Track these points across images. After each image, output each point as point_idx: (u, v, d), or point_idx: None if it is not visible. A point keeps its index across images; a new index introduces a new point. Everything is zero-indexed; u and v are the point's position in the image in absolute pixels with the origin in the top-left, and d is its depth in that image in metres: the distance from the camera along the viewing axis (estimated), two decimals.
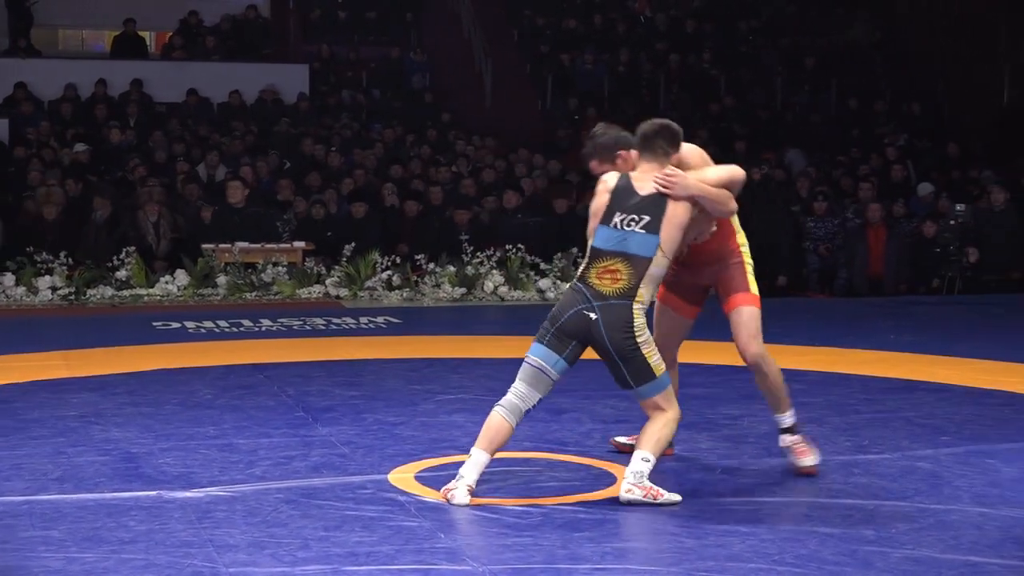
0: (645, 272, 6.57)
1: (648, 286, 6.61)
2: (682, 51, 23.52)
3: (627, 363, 6.58)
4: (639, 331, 6.56)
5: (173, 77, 21.54)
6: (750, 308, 7.03)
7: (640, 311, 6.59)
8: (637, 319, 6.56)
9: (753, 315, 7.03)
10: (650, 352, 6.59)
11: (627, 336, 6.54)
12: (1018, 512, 6.52)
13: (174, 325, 12.48)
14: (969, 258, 16.01)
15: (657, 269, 6.61)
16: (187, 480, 6.97)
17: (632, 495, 6.49)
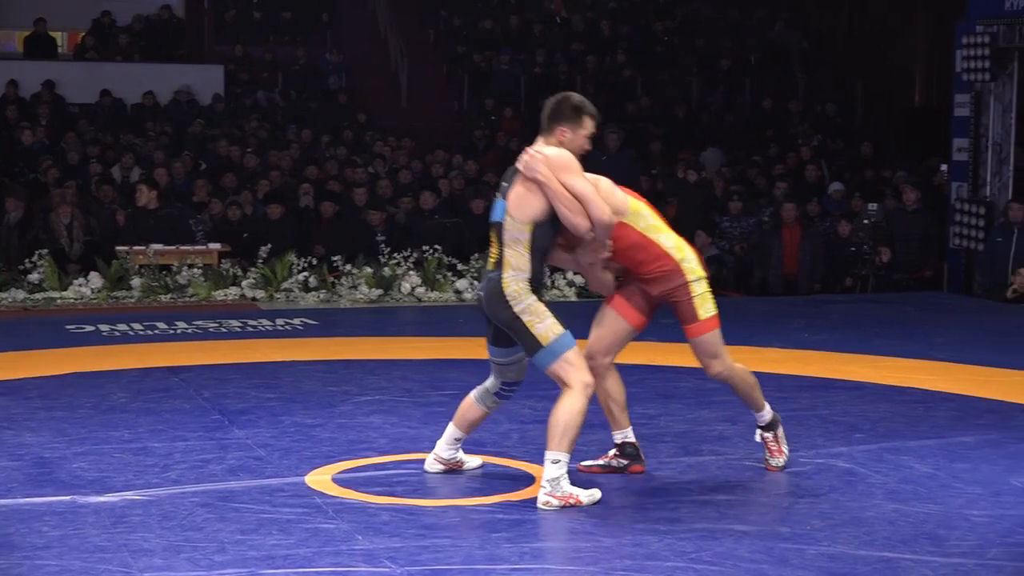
0: (505, 238, 6.53)
1: (513, 249, 6.49)
2: (598, 52, 23.59)
3: (514, 333, 6.56)
4: (513, 299, 6.49)
5: (86, 78, 21.33)
6: (701, 337, 6.91)
7: (512, 279, 6.50)
8: (508, 287, 6.49)
9: (705, 341, 6.91)
10: (532, 320, 6.48)
11: (504, 307, 6.51)
12: (931, 508, 6.60)
13: (88, 328, 12.35)
14: (881, 257, 16.17)
15: (514, 232, 6.49)
16: (101, 485, 6.90)
17: (549, 506, 6.45)
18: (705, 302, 6.89)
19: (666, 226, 6.93)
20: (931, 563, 5.77)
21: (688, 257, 6.88)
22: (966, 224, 16.31)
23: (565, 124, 6.64)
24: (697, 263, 6.92)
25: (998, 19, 15.97)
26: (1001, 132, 16.23)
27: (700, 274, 6.90)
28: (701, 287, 6.89)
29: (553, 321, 6.50)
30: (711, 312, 6.90)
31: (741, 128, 22.15)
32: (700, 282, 6.89)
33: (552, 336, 6.48)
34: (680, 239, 6.96)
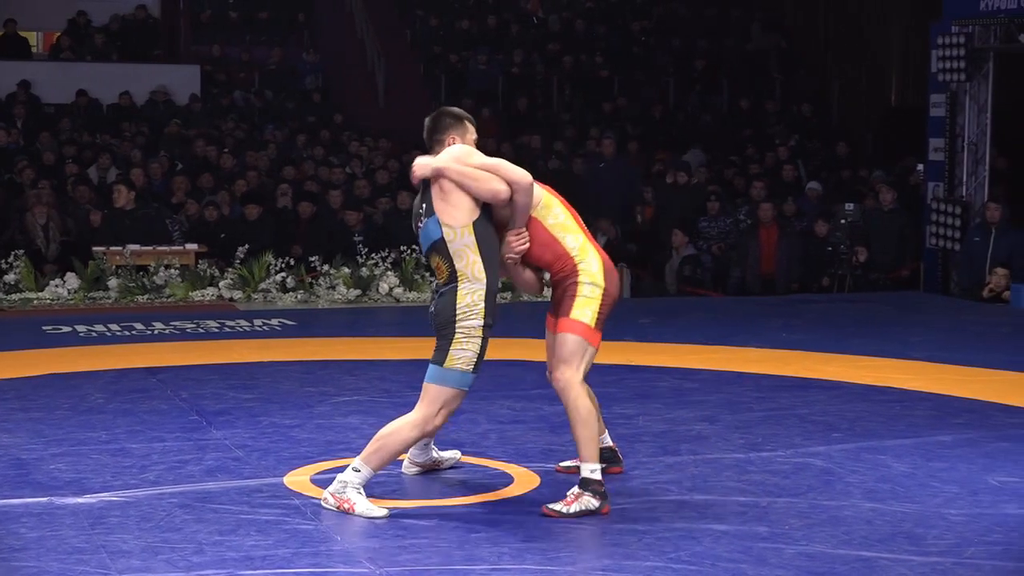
0: (452, 251, 6.34)
1: (462, 259, 6.32)
2: (575, 52, 23.61)
3: (438, 339, 6.36)
4: (461, 313, 6.31)
5: (61, 78, 21.27)
6: (564, 335, 6.52)
7: (467, 288, 6.33)
8: (462, 300, 6.31)
9: (566, 340, 6.51)
10: (460, 339, 6.29)
11: (450, 318, 6.31)
12: (908, 507, 6.62)
13: (64, 329, 12.31)
14: (859, 257, 16.21)
15: (458, 242, 6.32)
16: (79, 486, 6.88)
17: (326, 503, 6.48)
18: (585, 306, 6.51)
19: (577, 226, 6.64)
20: (909, 562, 5.79)
21: (588, 260, 6.57)
22: (942, 224, 16.36)
23: (453, 132, 6.57)
24: (599, 271, 6.56)
25: (973, 19, 16.03)
26: (977, 132, 16.28)
27: (596, 282, 6.55)
28: (591, 292, 6.53)
29: (473, 357, 6.32)
30: (586, 319, 6.50)
31: (718, 128, 22.18)
32: (592, 287, 6.53)
33: (459, 366, 6.31)
34: (588, 244, 6.63)
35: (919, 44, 20.38)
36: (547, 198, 6.63)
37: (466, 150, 6.48)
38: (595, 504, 6.39)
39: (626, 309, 13.60)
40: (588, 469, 6.45)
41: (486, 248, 6.39)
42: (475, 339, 6.33)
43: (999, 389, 9.71)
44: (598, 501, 6.41)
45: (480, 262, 6.36)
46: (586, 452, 6.47)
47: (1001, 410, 9.04)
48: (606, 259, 6.69)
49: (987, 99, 16.16)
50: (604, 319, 6.60)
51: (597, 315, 6.55)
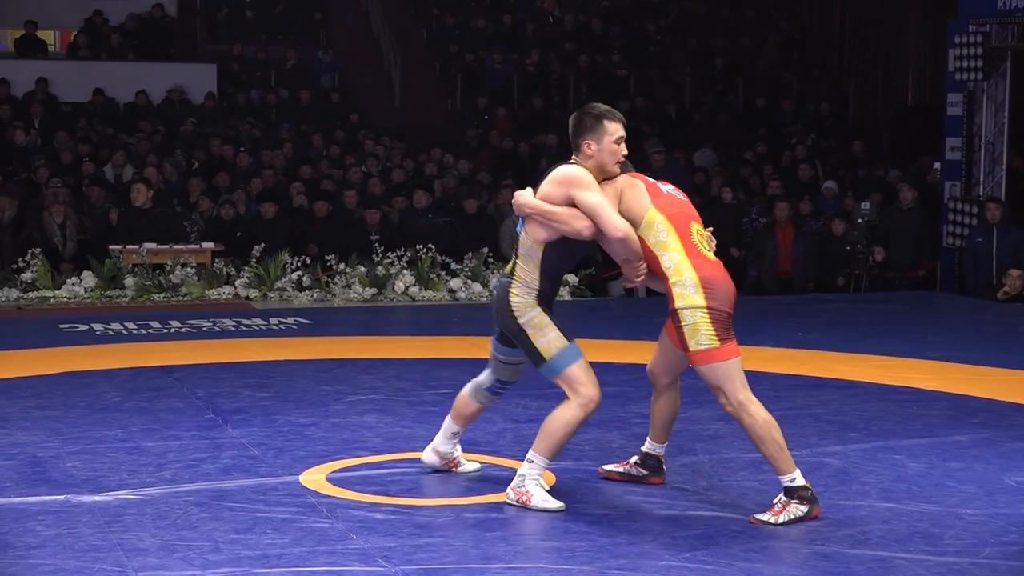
0: (519, 251, 6.54)
1: (523, 266, 6.49)
2: (591, 51, 23.60)
3: (519, 343, 6.57)
4: (517, 311, 6.48)
5: (78, 77, 21.30)
6: (698, 368, 6.43)
7: (520, 290, 6.49)
8: (515, 299, 6.49)
9: (703, 372, 6.42)
10: (535, 334, 6.46)
11: (509, 316, 6.51)
12: (924, 507, 6.61)
13: (81, 327, 12.33)
14: (876, 256, 16.18)
15: (524, 248, 6.49)
16: (95, 484, 6.90)
17: (507, 498, 6.56)
18: (695, 333, 6.35)
19: (679, 243, 6.43)
20: (925, 562, 5.78)
21: (684, 282, 6.38)
22: (959, 223, 16.34)
23: (588, 137, 6.51)
24: (695, 291, 6.36)
25: (991, 18, 16.00)
26: (994, 131, 16.25)
27: (693, 302, 6.35)
28: (692, 317, 6.35)
29: (556, 335, 6.46)
30: (703, 345, 6.35)
31: (734, 127, 22.15)
32: (691, 311, 6.35)
33: (554, 350, 6.45)
34: (685, 260, 6.40)
35: (936, 43, 20.35)
36: (651, 215, 6.46)
37: (578, 180, 6.40)
38: (803, 510, 6.32)
39: (642, 308, 13.60)
40: (787, 480, 6.37)
41: (550, 267, 6.51)
42: (541, 325, 6.48)
43: (1016, 389, 9.68)
44: (806, 507, 6.33)
45: (537, 274, 6.51)
46: (778, 465, 6.39)
47: (1018, 410, 9.02)
48: (708, 271, 6.42)
49: (1004, 98, 16.13)
50: (726, 329, 6.40)
51: (713, 333, 6.36)
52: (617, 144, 6.52)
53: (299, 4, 24.65)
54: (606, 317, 12.65)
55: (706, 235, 6.60)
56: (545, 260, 6.49)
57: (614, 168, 6.54)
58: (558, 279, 6.64)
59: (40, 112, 20.00)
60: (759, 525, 6.28)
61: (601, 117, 6.54)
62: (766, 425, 6.36)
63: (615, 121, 6.56)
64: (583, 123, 6.55)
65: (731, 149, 20.81)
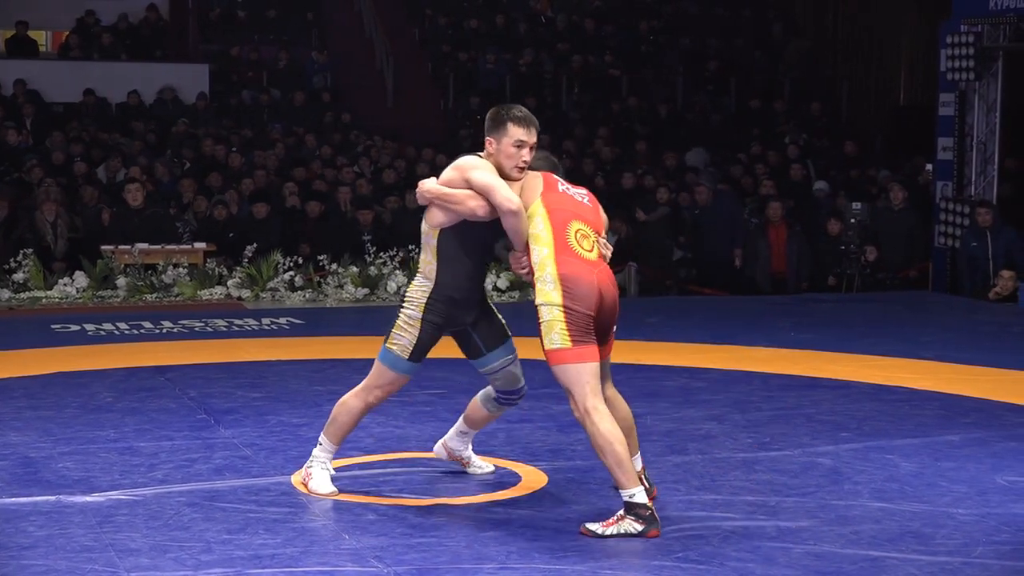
0: (422, 243, 6.60)
1: (424, 255, 6.55)
2: (584, 51, 23.61)
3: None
4: (407, 301, 6.57)
5: (70, 77, 21.28)
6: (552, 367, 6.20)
7: (419, 284, 6.54)
8: (411, 289, 6.58)
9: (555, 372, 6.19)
10: (401, 330, 6.54)
11: (401, 300, 6.66)
12: (916, 506, 6.61)
13: (73, 327, 12.32)
14: (868, 256, 16.20)
15: (425, 238, 6.53)
16: (87, 484, 6.89)
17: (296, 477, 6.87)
18: (550, 331, 6.14)
19: (550, 238, 6.22)
20: (917, 562, 5.78)
21: (545, 278, 6.19)
22: (951, 223, 16.35)
23: (491, 134, 6.46)
24: (553, 288, 6.14)
25: (983, 18, 16.01)
26: (986, 131, 16.26)
27: (550, 299, 6.13)
28: (548, 314, 6.14)
29: (409, 345, 6.54)
30: (555, 344, 6.12)
31: (727, 127, 22.16)
32: (548, 308, 6.14)
33: (394, 350, 6.59)
34: (551, 257, 6.19)
35: (928, 43, 20.37)
36: (534, 207, 6.31)
37: (468, 164, 6.48)
38: (637, 528, 6.06)
39: (634, 308, 13.59)
40: (626, 495, 6.09)
41: (446, 254, 6.48)
42: (412, 328, 6.53)
43: (1008, 389, 9.70)
44: (641, 525, 6.06)
45: (435, 264, 6.50)
46: (618, 479, 6.12)
47: (1010, 410, 9.03)
48: (570, 269, 6.18)
49: (996, 98, 16.14)
50: (584, 331, 6.14)
51: (568, 334, 6.12)
52: (517, 148, 6.38)
53: (292, 4, 24.63)
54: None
55: (591, 236, 6.32)
56: (441, 247, 6.46)
57: (512, 172, 6.38)
58: (464, 271, 6.46)
59: (32, 112, 19.97)
60: (588, 535, 6.07)
61: (505, 119, 6.43)
62: (608, 436, 6.07)
63: (520, 125, 6.39)
64: (491, 120, 6.51)
65: (724, 149, 20.81)
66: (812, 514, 6.46)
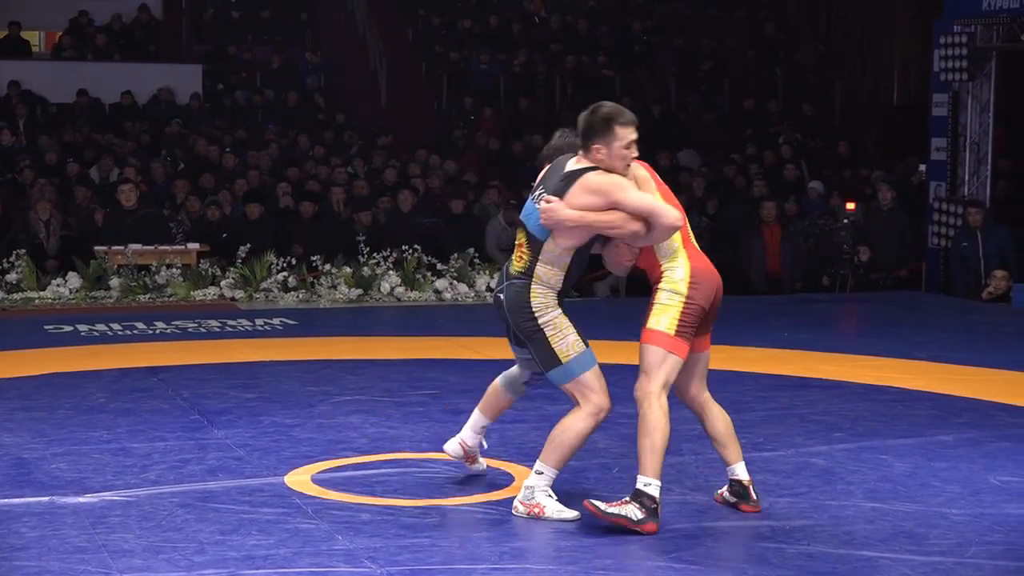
0: (540, 252, 6.32)
1: (545, 267, 6.30)
2: (577, 51, 23.61)
3: (532, 344, 6.35)
4: (539, 311, 6.29)
5: (63, 77, 21.25)
6: (643, 345, 6.34)
7: (540, 291, 6.29)
8: (535, 299, 6.29)
9: (645, 350, 6.33)
10: (555, 335, 6.28)
11: (527, 317, 6.30)
12: (910, 507, 6.61)
13: (66, 328, 12.31)
14: (861, 256, 16.21)
15: (551, 252, 6.29)
16: (80, 485, 6.88)
17: (516, 512, 6.40)
18: (661, 314, 6.32)
19: (677, 235, 6.39)
20: (910, 562, 5.78)
21: (674, 268, 6.37)
22: (944, 223, 16.37)
23: (598, 140, 6.29)
24: (683, 279, 6.34)
25: (976, 19, 16.04)
26: (979, 131, 16.29)
27: (676, 289, 6.32)
28: (668, 299, 6.32)
29: (576, 338, 6.32)
30: (661, 327, 6.29)
31: (720, 127, 22.16)
32: (671, 295, 6.32)
33: (573, 354, 6.31)
34: (681, 251, 6.39)
35: (921, 43, 20.38)
36: None
37: (616, 186, 6.24)
38: (638, 516, 6.10)
39: (626, 307, 13.59)
40: (642, 482, 6.17)
41: (575, 267, 6.38)
42: (562, 327, 6.32)
43: (1001, 389, 9.70)
44: (643, 514, 6.11)
45: (562, 276, 6.34)
46: (644, 463, 6.19)
47: (1003, 410, 9.04)
48: (698, 267, 6.40)
49: (989, 99, 16.17)
50: (690, 327, 6.32)
51: (677, 323, 6.29)
52: (627, 149, 6.32)
53: (285, 5, 24.61)
54: (592, 317, 12.65)
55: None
56: (574, 262, 6.35)
57: (623, 171, 6.35)
58: (575, 276, 6.47)
59: (25, 113, 19.95)
60: (590, 509, 6.15)
61: (612, 121, 6.29)
62: (658, 423, 6.20)
63: (628, 127, 6.32)
64: (594, 125, 6.32)
65: (717, 149, 20.81)
66: (805, 514, 6.46)
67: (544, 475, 6.37)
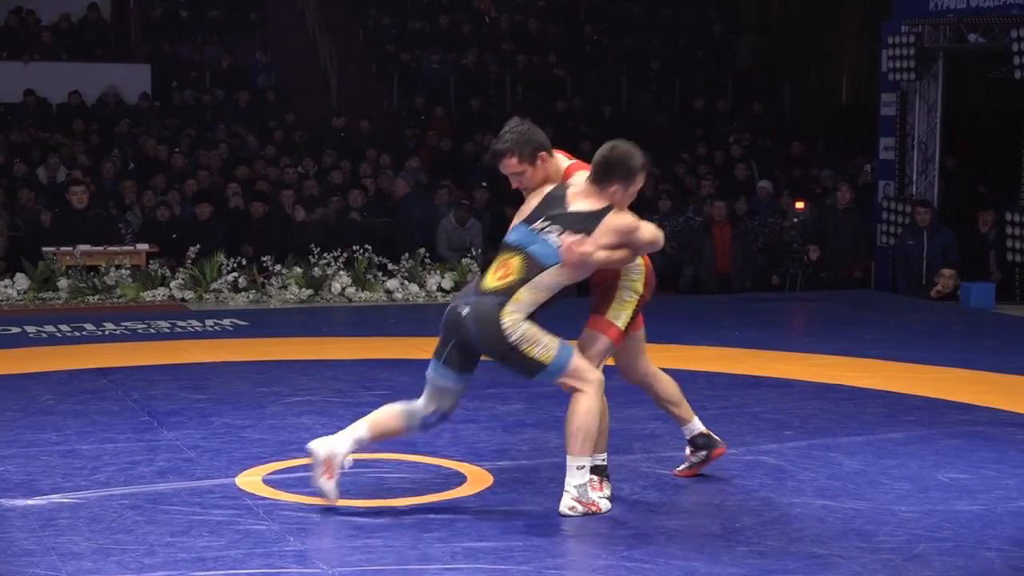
0: (534, 277, 6.31)
1: (532, 291, 6.29)
2: (528, 51, 23.63)
3: (509, 363, 6.33)
4: (510, 329, 6.23)
5: (10, 77, 21.09)
6: (597, 334, 6.59)
7: (513, 310, 6.25)
8: (506, 318, 6.24)
9: (596, 340, 6.59)
10: (530, 346, 6.24)
11: (500, 336, 6.24)
12: (859, 504, 6.65)
13: (14, 330, 12.22)
14: (811, 256, 16.29)
15: (548, 279, 6.32)
16: (29, 488, 6.83)
17: (574, 512, 6.34)
18: (621, 311, 6.63)
19: None
20: (860, 559, 5.81)
21: (633, 266, 6.61)
22: (893, 222, 16.47)
23: (619, 181, 6.40)
24: (639, 278, 6.64)
25: (923, 19, 16.15)
26: (926, 131, 16.40)
27: (635, 288, 6.64)
28: (628, 296, 6.63)
29: (549, 339, 6.31)
30: (618, 322, 6.62)
31: (671, 127, 22.23)
32: (630, 292, 6.63)
33: (552, 354, 6.29)
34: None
35: (869, 43, 20.49)
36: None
37: (634, 226, 6.39)
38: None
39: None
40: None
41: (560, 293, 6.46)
42: (533, 336, 6.28)
43: (950, 387, 9.76)
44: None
45: (544, 298, 6.38)
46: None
47: (952, 407, 9.09)
48: (649, 265, 6.75)
49: (937, 98, 16.28)
50: (639, 316, 6.76)
51: (630, 320, 6.66)
52: (632, 197, 6.54)
53: (235, 4, 24.52)
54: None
55: None
56: (556, 296, 6.43)
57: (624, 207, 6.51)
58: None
59: None
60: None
61: (636, 169, 6.43)
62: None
63: (643, 171, 6.50)
64: (618, 167, 6.40)
65: (668, 149, 20.86)
66: (756, 512, 6.49)
67: (586, 468, 6.38)
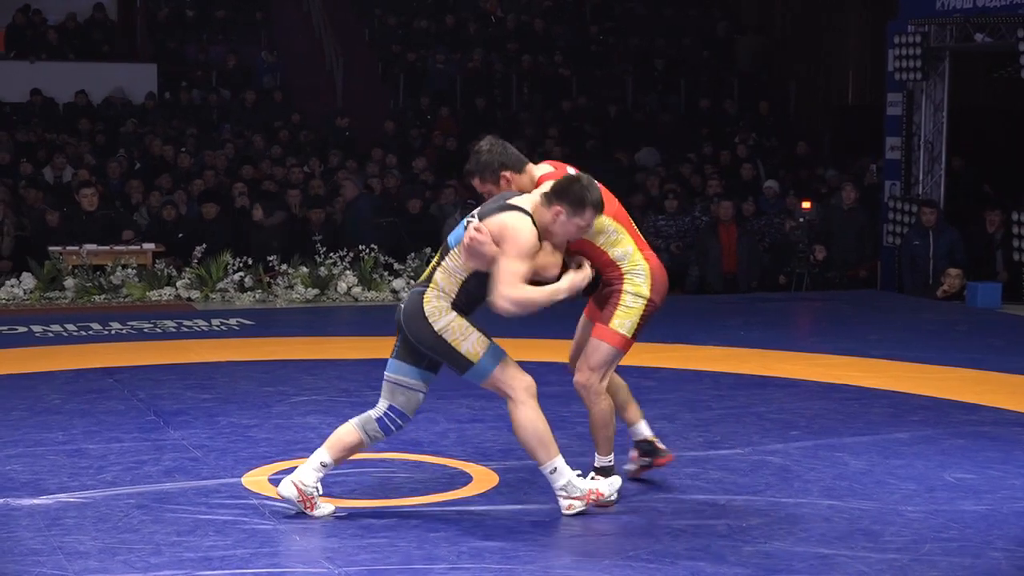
0: (446, 262, 6.30)
1: (443, 273, 6.26)
2: (533, 51, 23.61)
3: (440, 355, 6.28)
4: (432, 316, 6.20)
5: (16, 76, 21.10)
6: (598, 341, 6.55)
7: (435, 297, 6.22)
8: (428, 304, 6.21)
9: (598, 347, 6.54)
10: (457, 339, 6.19)
11: (423, 323, 6.21)
12: (866, 504, 6.64)
13: (20, 329, 12.24)
14: (816, 255, 16.28)
15: (451, 262, 6.26)
16: (35, 487, 6.84)
17: (574, 510, 6.36)
18: (626, 317, 6.53)
19: (629, 237, 6.56)
20: (866, 559, 5.81)
21: (635, 271, 6.54)
22: (899, 222, 16.45)
23: (566, 207, 6.23)
24: (644, 282, 6.54)
25: (929, 19, 16.12)
26: (933, 131, 16.38)
27: (640, 293, 6.53)
28: (632, 302, 6.53)
29: (479, 336, 6.24)
30: (624, 331, 6.54)
31: (676, 127, 22.21)
32: (635, 298, 6.53)
33: (480, 351, 6.23)
34: (638, 253, 6.56)
35: (875, 43, 20.47)
36: (599, 223, 6.41)
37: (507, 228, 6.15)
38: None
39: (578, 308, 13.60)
40: (604, 461, 6.69)
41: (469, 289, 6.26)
42: (461, 328, 6.23)
43: (956, 387, 9.76)
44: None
45: (457, 288, 6.26)
46: (603, 450, 6.71)
47: (958, 407, 9.09)
48: (656, 267, 6.62)
49: (943, 98, 16.26)
50: (645, 327, 6.62)
51: (637, 326, 6.57)
52: (579, 230, 6.31)
53: (241, 4, 24.51)
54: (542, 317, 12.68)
55: None
56: (466, 282, 6.27)
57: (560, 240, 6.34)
58: (475, 301, 6.34)
59: None
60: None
61: (586, 204, 6.22)
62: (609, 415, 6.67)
63: (595, 211, 6.26)
64: (571, 194, 6.23)
65: (674, 149, 20.86)
66: (762, 512, 6.49)
67: (559, 469, 6.35)
